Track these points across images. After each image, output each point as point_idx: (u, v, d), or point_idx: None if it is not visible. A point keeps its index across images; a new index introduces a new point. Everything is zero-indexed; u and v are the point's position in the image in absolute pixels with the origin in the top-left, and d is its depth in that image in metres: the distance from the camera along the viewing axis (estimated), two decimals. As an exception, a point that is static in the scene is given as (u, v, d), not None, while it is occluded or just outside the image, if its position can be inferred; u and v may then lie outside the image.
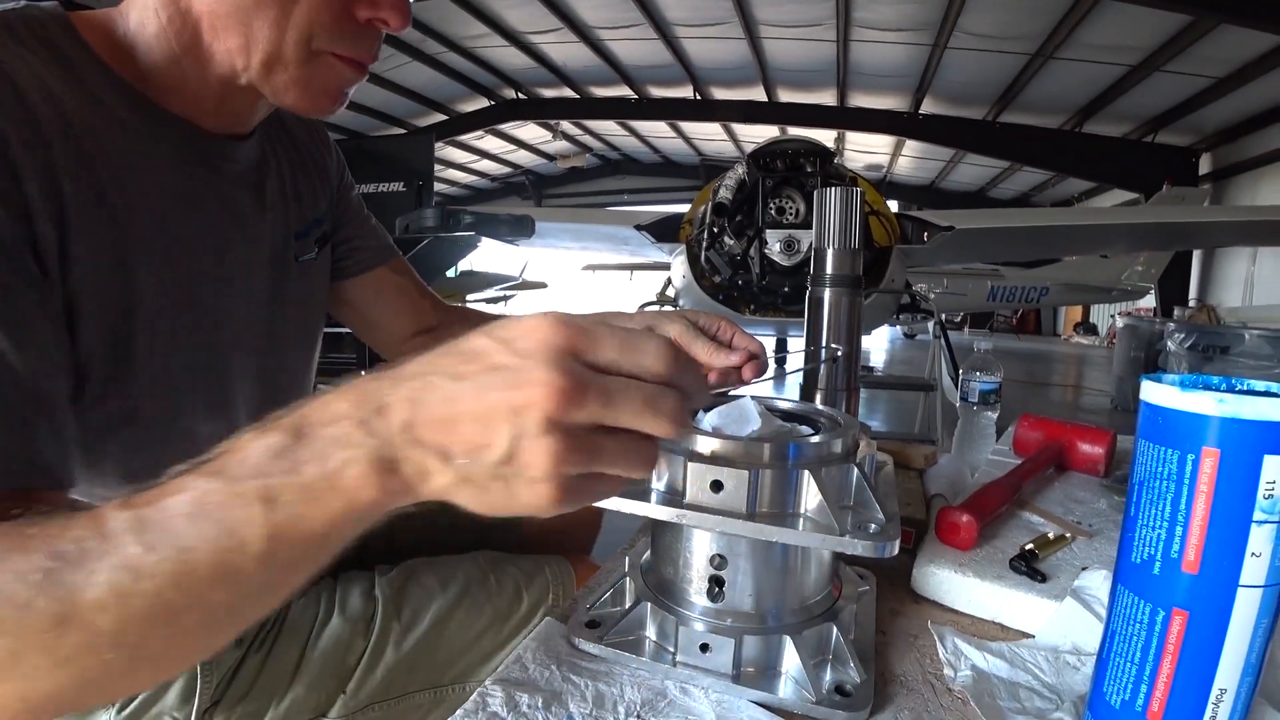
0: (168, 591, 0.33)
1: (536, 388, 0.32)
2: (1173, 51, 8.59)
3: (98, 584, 0.33)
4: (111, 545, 0.33)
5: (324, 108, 0.61)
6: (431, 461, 0.34)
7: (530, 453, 0.32)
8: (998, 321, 19.12)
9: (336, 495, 0.34)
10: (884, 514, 0.46)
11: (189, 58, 0.57)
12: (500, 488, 0.34)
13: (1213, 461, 0.28)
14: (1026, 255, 9.15)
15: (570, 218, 5.91)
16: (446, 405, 0.33)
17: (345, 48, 0.58)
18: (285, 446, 0.34)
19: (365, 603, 0.76)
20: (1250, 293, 11.19)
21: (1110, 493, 0.81)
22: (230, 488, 0.34)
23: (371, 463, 0.33)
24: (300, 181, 0.77)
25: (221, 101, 0.61)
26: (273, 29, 0.54)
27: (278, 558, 0.34)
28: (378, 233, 0.92)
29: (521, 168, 19.20)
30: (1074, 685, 0.48)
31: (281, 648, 0.71)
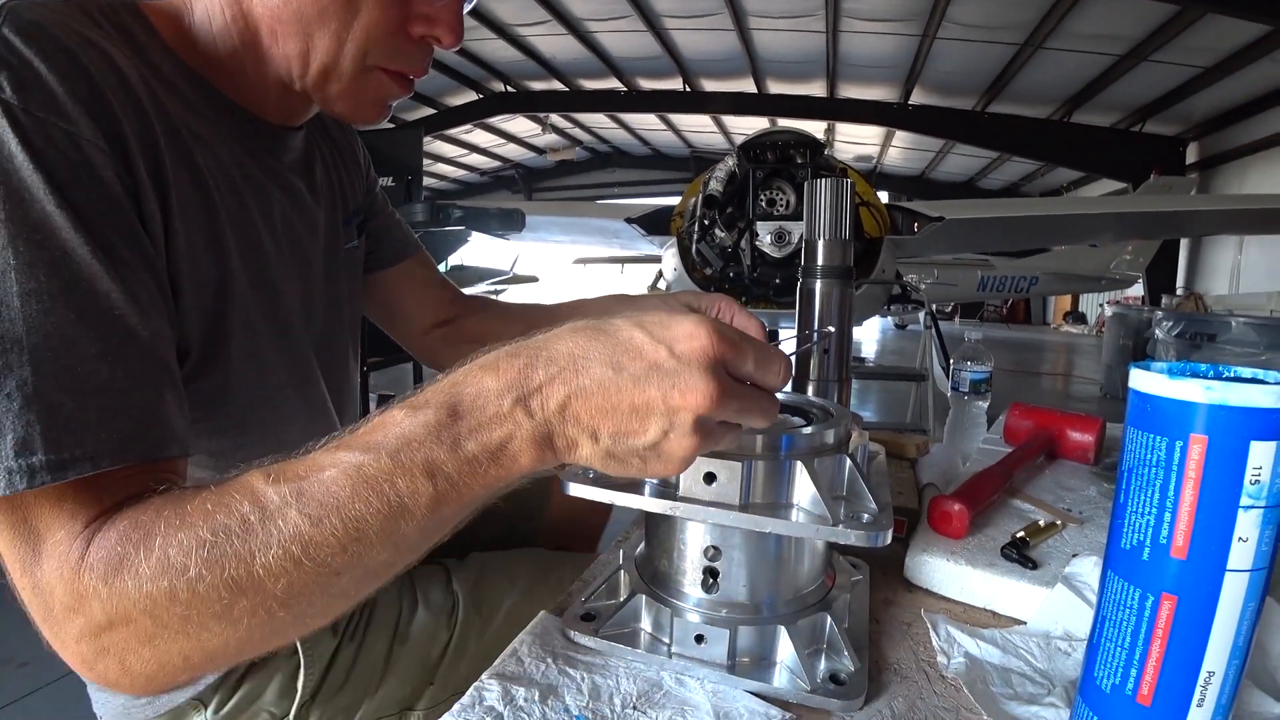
0: (336, 557, 0.37)
1: (693, 394, 0.36)
2: (1160, 41, 8.64)
3: (271, 554, 0.37)
4: (276, 518, 0.37)
5: (370, 119, 0.64)
6: (584, 439, 0.38)
7: (675, 443, 0.38)
8: (988, 311, 19.24)
9: (497, 467, 0.38)
10: (876, 504, 0.46)
11: (249, 55, 0.59)
12: (637, 463, 0.39)
13: (1200, 448, 0.28)
14: (1016, 245, 9.20)
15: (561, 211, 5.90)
16: (604, 393, 0.37)
17: (398, 63, 0.60)
18: (442, 423, 0.38)
19: (445, 596, 0.77)
20: (1237, 280, 11.29)
21: (1100, 480, 0.82)
22: (393, 461, 0.37)
23: (530, 439, 0.38)
24: (341, 171, 0.79)
25: (278, 99, 0.63)
26: (332, 41, 0.56)
27: (435, 520, 0.39)
28: (402, 226, 0.94)
29: (511, 161, 19.14)
30: (1065, 670, 0.48)
31: (372, 639, 0.72)
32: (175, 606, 0.37)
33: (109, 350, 0.41)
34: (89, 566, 0.37)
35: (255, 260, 0.61)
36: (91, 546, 0.38)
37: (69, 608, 0.37)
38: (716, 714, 0.43)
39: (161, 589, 0.37)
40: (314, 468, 0.38)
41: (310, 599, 0.39)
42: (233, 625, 0.38)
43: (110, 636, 0.38)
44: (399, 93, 0.63)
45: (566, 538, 1.00)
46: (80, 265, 0.42)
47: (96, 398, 0.40)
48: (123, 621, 0.37)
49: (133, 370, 0.42)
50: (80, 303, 0.41)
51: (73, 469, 0.38)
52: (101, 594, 0.37)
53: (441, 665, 0.74)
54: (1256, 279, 10.63)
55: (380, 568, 0.40)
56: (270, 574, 0.37)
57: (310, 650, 0.66)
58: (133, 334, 0.43)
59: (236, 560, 0.37)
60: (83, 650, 0.38)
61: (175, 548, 0.37)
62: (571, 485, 0.47)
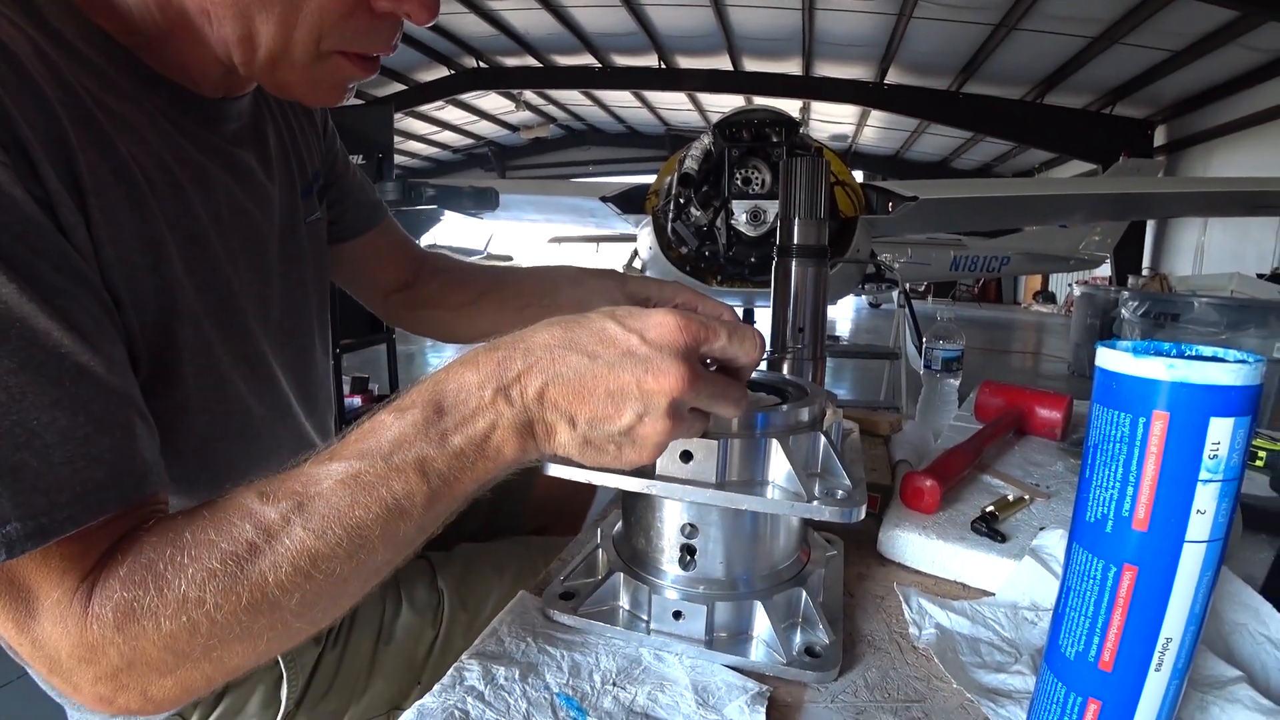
0: (342, 566, 0.38)
1: (666, 377, 0.38)
2: (1131, 24, 8.74)
3: (283, 572, 0.37)
4: (281, 536, 0.38)
5: (328, 102, 0.57)
6: (562, 425, 0.40)
7: (649, 427, 0.39)
8: (960, 290, 19.46)
9: (483, 459, 0.40)
10: (850, 480, 0.47)
11: (181, 35, 0.51)
12: (613, 449, 0.40)
13: (1162, 424, 0.29)
14: (988, 225, 9.29)
15: (535, 189, 5.83)
16: (580, 379, 0.39)
17: (360, 44, 0.53)
18: (429, 421, 0.39)
19: (430, 593, 0.75)
20: (1200, 261, 11.56)
21: (1067, 455, 0.84)
22: (387, 465, 0.38)
23: (512, 427, 0.39)
24: (296, 134, 0.73)
25: (219, 77, 0.57)
26: (279, 28, 0.49)
27: (431, 516, 0.40)
28: (367, 189, 0.89)
29: (484, 139, 18.86)
30: (1032, 639, 0.50)
31: (356, 643, 0.70)
32: (197, 638, 0.37)
33: (63, 396, 0.37)
34: (96, 619, 0.36)
35: (202, 259, 0.55)
36: (94, 600, 0.37)
37: (81, 659, 0.37)
38: (695, 688, 0.44)
39: (182, 625, 0.37)
40: (310, 481, 0.39)
41: (322, 606, 0.40)
42: (253, 642, 0.39)
43: (129, 675, 0.38)
44: (362, 75, 0.56)
45: (550, 521, 1.00)
46: (9, 305, 0.36)
47: (61, 449, 0.37)
48: (143, 662, 0.37)
49: (95, 412, 0.39)
50: (19, 348, 0.36)
51: (53, 532, 0.36)
52: (116, 642, 0.36)
53: (429, 663, 0.73)
54: (1219, 260, 10.89)
55: (382, 566, 0.42)
56: (284, 591, 0.38)
57: (292, 661, 0.65)
58: (85, 371, 0.39)
59: (250, 585, 0.37)
60: (101, 691, 0.38)
61: (186, 584, 0.37)
62: (551, 466, 0.47)
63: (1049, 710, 0.35)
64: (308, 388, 0.73)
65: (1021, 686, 0.44)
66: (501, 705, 0.42)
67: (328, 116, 0.82)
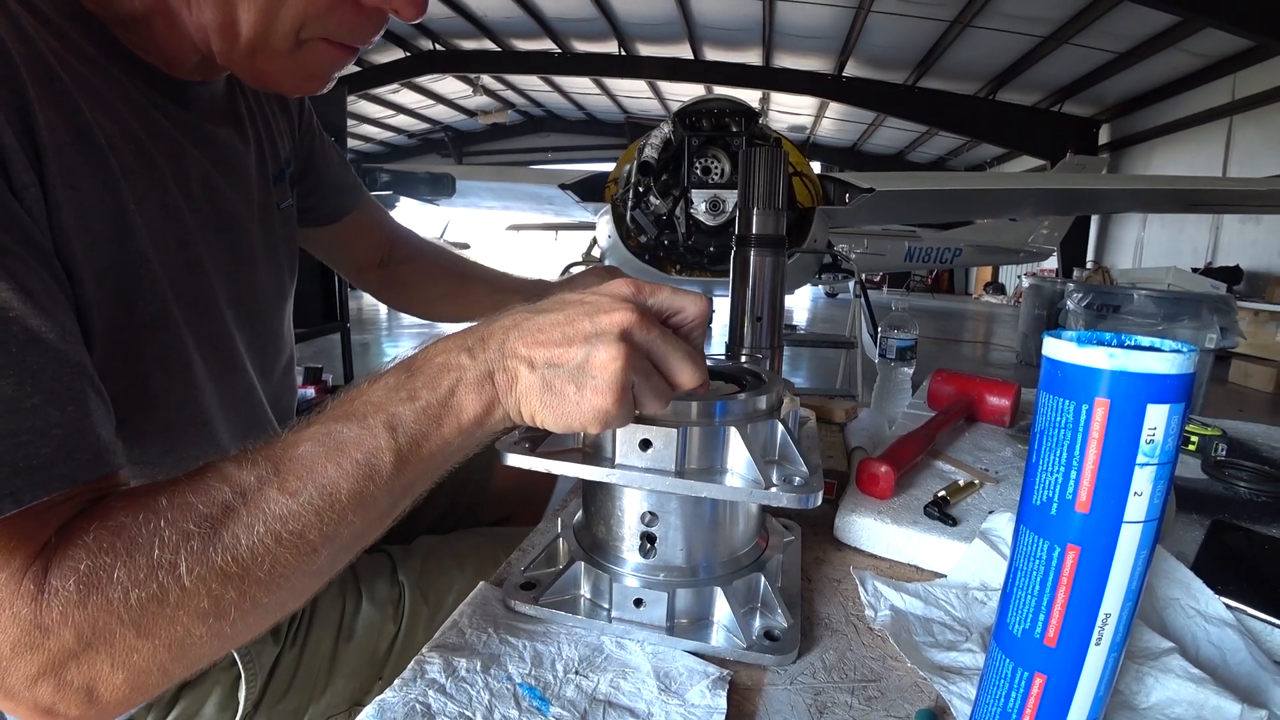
0: (312, 529, 0.38)
1: (614, 312, 0.41)
2: (1080, 25, 9.00)
3: (256, 534, 0.37)
4: (256, 498, 0.37)
5: (311, 90, 0.56)
6: (522, 369, 0.41)
7: (602, 355, 0.40)
8: (914, 281, 19.88)
9: (449, 413, 0.41)
10: (807, 467, 0.48)
11: (158, 18, 0.50)
12: (573, 392, 0.40)
13: (1103, 410, 0.30)
14: (942, 217, 9.52)
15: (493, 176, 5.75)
16: (538, 328, 0.41)
17: (340, 36, 0.52)
18: (400, 381, 0.41)
19: (391, 587, 0.74)
20: (1140, 255, 12.03)
21: (1015, 441, 0.87)
22: (359, 425, 0.39)
23: (474, 381, 0.41)
24: (270, 119, 0.71)
25: (196, 63, 0.55)
26: (260, 16, 0.48)
27: (401, 480, 0.40)
28: (346, 172, 0.89)
29: (440, 124, 18.49)
30: (981, 618, 0.51)
31: (315, 641, 0.68)
32: (164, 609, 0.35)
33: (9, 362, 0.35)
34: (54, 594, 0.34)
35: (172, 234, 0.53)
36: (51, 574, 0.34)
37: (25, 648, 0.34)
38: (657, 674, 0.44)
39: (150, 594, 0.35)
40: (286, 446, 0.39)
41: (290, 579, 0.39)
42: (218, 620, 0.37)
43: (78, 667, 0.35)
44: (344, 62, 0.55)
45: (510, 511, 1.00)
46: None
47: (4, 421, 0.34)
48: (102, 640, 0.35)
49: (44, 382, 0.36)
50: None
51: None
52: (75, 618, 0.34)
53: (390, 658, 0.72)
54: (1157, 255, 11.35)
55: (351, 540, 0.41)
56: (255, 557, 0.37)
57: (250, 661, 0.63)
58: (35, 337, 0.36)
59: (223, 549, 0.36)
60: (40, 694, 0.35)
61: (160, 547, 0.35)
62: (509, 456, 0.47)
63: (998, 685, 0.36)
64: (273, 375, 0.71)
65: (972, 664, 0.46)
66: (464, 697, 0.42)
67: (304, 103, 0.80)
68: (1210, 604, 0.49)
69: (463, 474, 0.97)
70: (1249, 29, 7.45)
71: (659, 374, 0.42)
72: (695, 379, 0.44)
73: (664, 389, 0.43)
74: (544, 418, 0.41)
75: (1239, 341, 4.04)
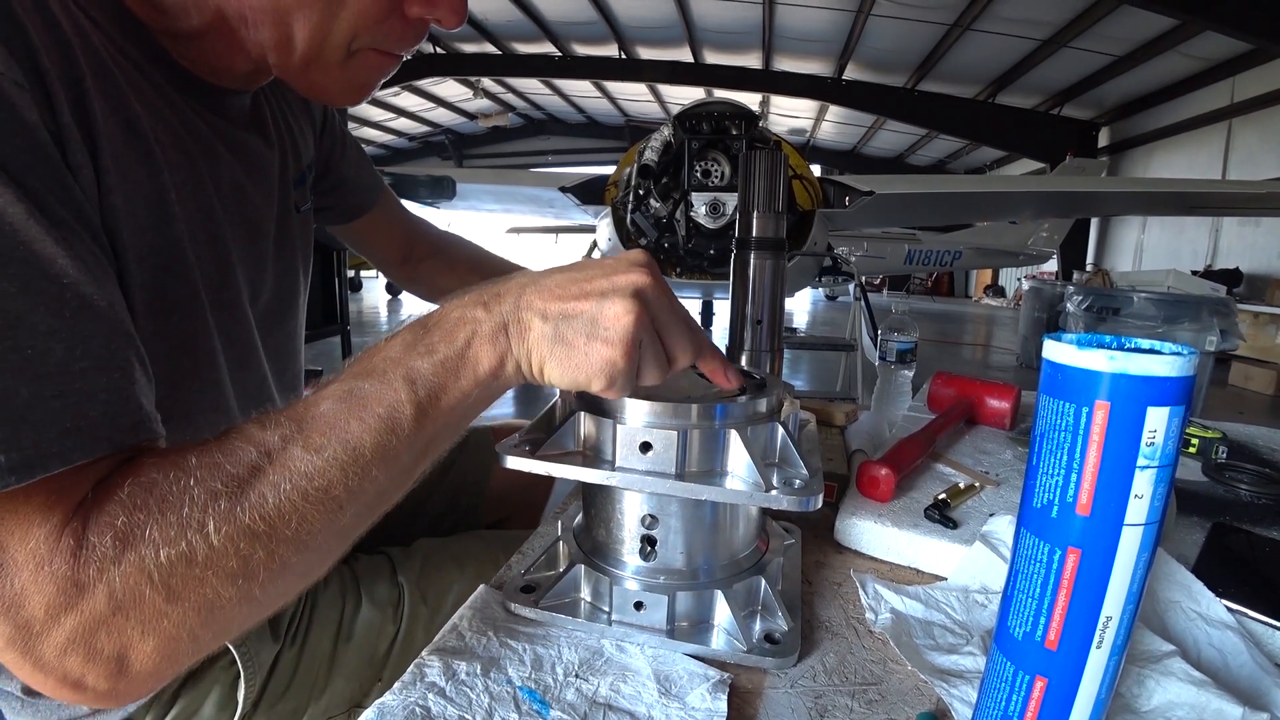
0: (337, 485, 0.38)
1: (630, 272, 0.43)
2: (1079, 28, 9.02)
3: (282, 492, 0.37)
4: (282, 456, 0.37)
5: (352, 101, 0.59)
6: (534, 320, 0.42)
7: (616, 310, 0.41)
8: (914, 284, 19.87)
9: (466, 366, 0.41)
10: (807, 470, 0.48)
11: (216, 37, 0.52)
12: (583, 344, 0.41)
13: (1104, 413, 0.30)
14: (942, 220, 9.51)
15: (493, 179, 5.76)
16: (555, 283, 0.43)
17: (390, 45, 0.55)
18: (418, 337, 0.42)
19: (390, 588, 0.74)
20: (1140, 258, 12.04)
21: (1015, 444, 0.87)
22: (380, 381, 0.40)
23: (488, 334, 0.42)
24: (292, 125, 0.73)
25: (245, 75, 0.58)
26: (314, 32, 0.50)
27: (422, 434, 0.41)
28: (367, 171, 0.91)
29: (441, 126, 18.52)
30: (982, 621, 0.51)
31: (314, 641, 0.69)
32: (192, 569, 0.35)
33: (62, 326, 0.36)
34: (90, 550, 0.34)
35: (205, 228, 0.55)
36: (90, 529, 0.35)
37: (60, 610, 0.34)
38: (657, 677, 0.44)
39: (180, 551, 0.35)
40: (309, 406, 0.40)
41: (317, 537, 0.39)
42: (247, 582, 0.37)
43: (108, 634, 0.35)
44: (389, 70, 0.57)
45: (508, 514, 1.00)
46: (14, 226, 0.35)
47: (55, 382, 0.35)
48: (132, 602, 0.35)
49: (93, 348, 0.37)
50: (20, 272, 0.35)
51: (39, 468, 0.33)
52: (110, 576, 0.34)
53: (389, 659, 0.72)
54: (1157, 257, 11.35)
55: (375, 498, 0.41)
56: (282, 515, 0.37)
57: (249, 659, 0.63)
58: (88, 304, 0.37)
59: (250, 507, 0.36)
60: (69, 664, 0.35)
61: (189, 505, 0.35)
62: (509, 459, 0.47)
63: (999, 688, 0.36)
64: (286, 376, 0.72)
65: (973, 667, 0.46)
66: (463, 700, 0.41)
67: (327, 110, 0.82)
68: (1211, 607, 0.49)
69: (460, 476, 0.98)
70: (1248, 32, 7.47)
71: (662, 344, 0.44)
72: (691, 356, 0.45)
73: (664, 360, 0.44)
74: (552, 370, 0.42)
75: (1239, 344, 4.04)
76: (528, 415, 0.60)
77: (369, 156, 0.93)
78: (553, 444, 0.49)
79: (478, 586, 0.54)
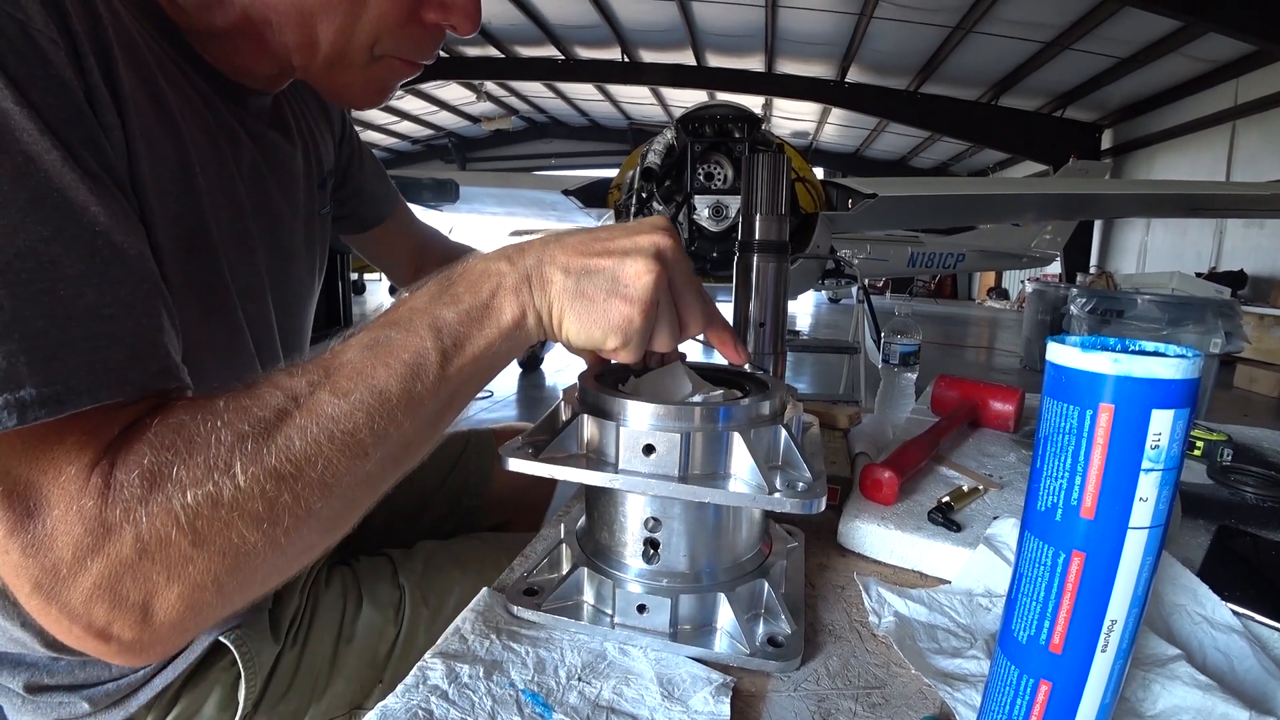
0: (363, 429, 0.38)
1: (652, 234, 0.44)
2: (1081, 31, 9.01)
3: (309, 435, 0.37)
4: (309, 401, 0.38)
5: (375, 102, 0.61)
6: (556, 274, 0.43)
7: (637, 268, 0.43)
8: (917, 286, 19.86)
9: (490, 316, 0.42)
10: (810, 473, 0.48)
11: (241, 39, 0.54)
12: (602, 299, 0.43)
13: (1108, 416, 0.30)
14: (945, 222, 9.50)
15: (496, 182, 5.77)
16: (578, 241, 0.44)
17: (409, 52, 0.57)
18: (443, 288, 0.43)
19: (392, 590, 0.74)
20: (1144, 260, 12.01)
21: (1019, 447, 0.86)
22: (405, 329, 0.41)
23: (512, 286, 0.43)
24: (313, 127, 0.74)
25: (270, 77, 0.60)
26: (338, 34, 0.52)
27: (447, 383, 0.41)
28: (383, 180, 0.93)
29: (444, 130, 18.57)
30: (986, 625, 0.51)
31: (315, 642, 0.69)
32: (219, 512, 0.35)
33: (93, 271, 0.36)
34: (119, 489, 0.34)
35: (228, 209, 0.56)
36: (119, 468, 0.35)
37: (87, 552, 0.34)
38: (660, 681, 0.44)
39: (206, 492, 0.35)
40: (336, 354, 0.41)
41: (342, 482, 0.39)
42: (272, 526, 0.37)
43: (133, 579, 0.35)
44: (408, 76, 0.60)
45: (510, 516, 1.00)
46: (49, 173, 0.36)
47: (84, 324, 0.35)
48: (158, 546, 0.34)
49: (123, 294, 0.37)
50: (54, 217, 0.35)
51: (69, 403, 0.34)
52: (138, 516, 0.34)
53: (390, 661, 0.72)
54: (1160, 259, 11.32)
55: (399, 446, 0.41)
56: (308, 458, 0.37)
57: (250, 659, 0.63)
58: (118, 252, 0.38)
59: (276, 449, 0.36)
60: (96, 612, 0.35)
61: (216, 446, 0.36)
62: (512, 461, 0.47)
63: (1003, 692, 0.36)
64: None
65: (977, 670, 0.45)
66: (466, 704, 0.41)
67: (345, 118, 0.84)
68: (1217, 610, 0.49)
69: (462, 478, 0.98)
70: (1251, 34, 7.45)
71: (676, 311, 0.45)
72: (702, 325, 0.47)
73: (677, 328, 0.46)
74: (570, 324, 0.43)
75: (1244, 346, 4.03)
76: (530, 418, 0.60)
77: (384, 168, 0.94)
78: (556, 446, 0.49)
79: (479, 589, 0.54)
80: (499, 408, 4.58)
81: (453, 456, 0.97)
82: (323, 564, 0.75)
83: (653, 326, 0.44)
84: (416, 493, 0.94)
